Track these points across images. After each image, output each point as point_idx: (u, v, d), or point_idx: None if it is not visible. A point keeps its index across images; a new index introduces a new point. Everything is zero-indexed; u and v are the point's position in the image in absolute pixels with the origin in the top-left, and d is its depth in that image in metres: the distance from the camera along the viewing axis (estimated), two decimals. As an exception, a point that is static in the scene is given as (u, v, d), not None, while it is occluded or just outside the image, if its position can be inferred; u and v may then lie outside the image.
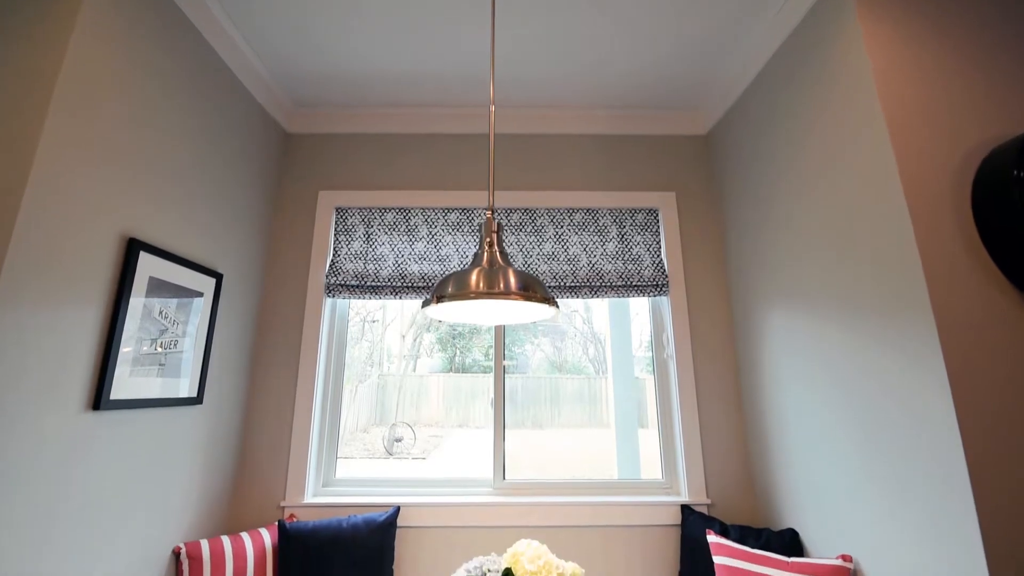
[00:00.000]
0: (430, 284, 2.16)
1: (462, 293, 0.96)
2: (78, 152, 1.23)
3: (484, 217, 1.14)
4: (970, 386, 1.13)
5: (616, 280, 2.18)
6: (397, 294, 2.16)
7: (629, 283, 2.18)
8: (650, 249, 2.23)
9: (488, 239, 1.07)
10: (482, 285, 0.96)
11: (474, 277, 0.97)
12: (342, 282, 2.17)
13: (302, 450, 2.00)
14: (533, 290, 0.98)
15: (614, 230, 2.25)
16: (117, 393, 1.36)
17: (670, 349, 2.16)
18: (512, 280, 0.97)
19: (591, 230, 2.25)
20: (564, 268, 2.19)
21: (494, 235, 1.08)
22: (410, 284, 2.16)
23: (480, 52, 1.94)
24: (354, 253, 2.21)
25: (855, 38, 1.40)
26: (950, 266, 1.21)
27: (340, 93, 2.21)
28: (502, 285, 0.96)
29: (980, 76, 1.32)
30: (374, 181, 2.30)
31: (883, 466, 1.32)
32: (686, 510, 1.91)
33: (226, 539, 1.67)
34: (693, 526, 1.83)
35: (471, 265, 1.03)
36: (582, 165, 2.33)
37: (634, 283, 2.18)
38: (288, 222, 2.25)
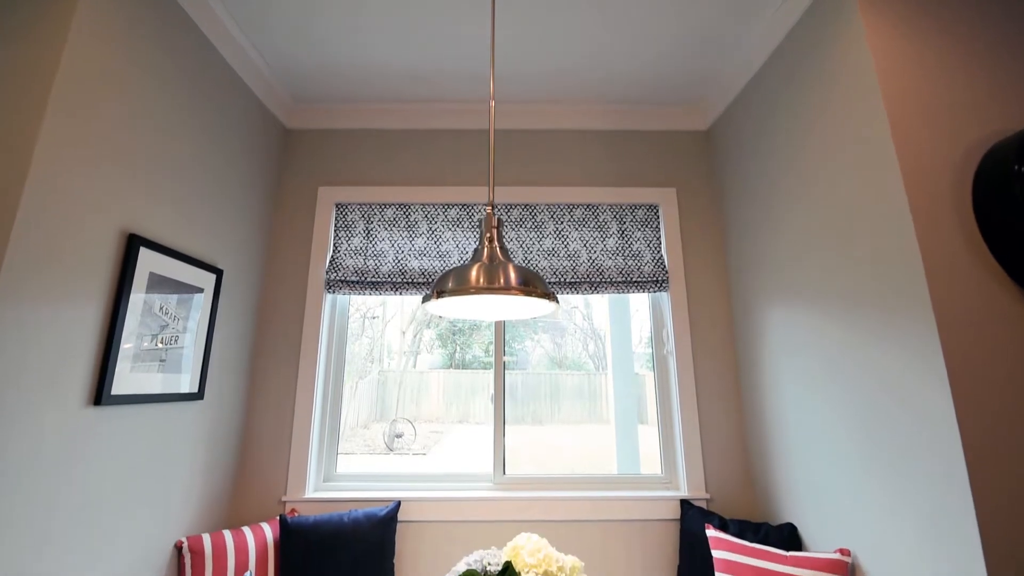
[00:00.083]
0: (430, 280, 2.16)
1: (462, 288, 0.96)
2: (77, 149, 1.23)
3: (484, 213, 1.14)
4: (970, 383, 1.13)
5: (616, 276, 2.18)
6: (397, 290, 2.16)
7: (629, 279, 2.18)
8: (650, 245, 2.23)
9: (488, 234, 1.07)
10: (482, 280, 0.96)
11: (474, 272, 0.97)
12: (342, 278, 2.17)
13: (303, 445, 2.01)
14: (533, 285, 0.98)
15: (614, 226, 2.25)
16: (118, 388, 1.36)
17: (670, 345, 2.16)
18: (512, 275, 0.97)
19: (591, 226, 2.25)
20: (564, 264, 2.19)
21: (494, 230, 1.07)
22: (410, 280, 2.16)
23: (480, 48, 1.93)
24: (354, 249, 2.21)
25: (857, 34, 1.39)
26: (950, 262, 1.21)
27: (340, 89, 2.20)
28: (502, 280, 0.96)
29: (981, 72, 1.32)
30: (374, 177, 2.30)
31: (882, 462, 1.32)
32: (685, 505, 1.92)
33: (228, 533, 1.68)
34: (692, 520, 1.84)
35: (471, 261, 1.03)
36: (582, 161, 2.33)
37: (634, 279, 2.18)
38: (288, 218, 2.25)
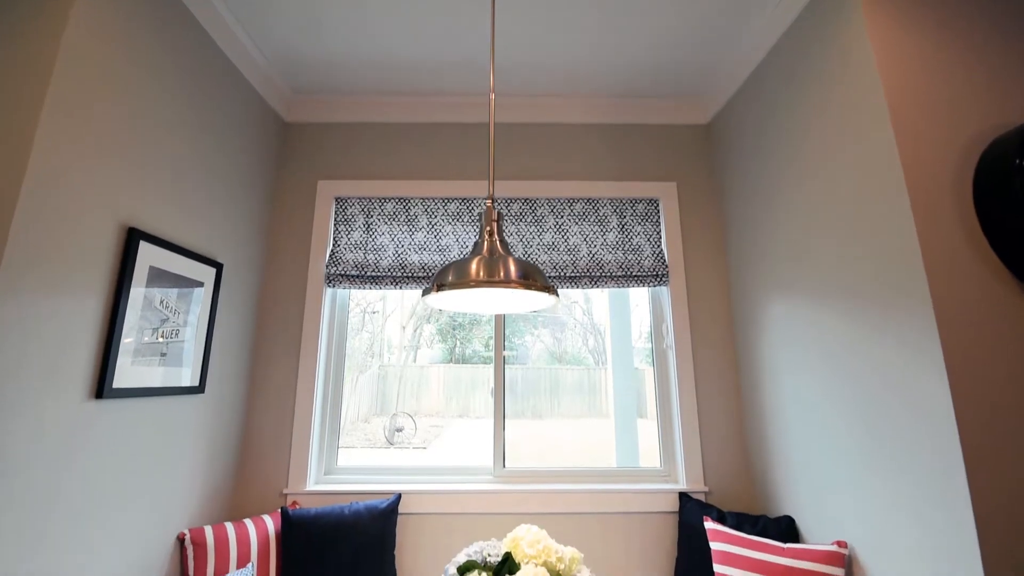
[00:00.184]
0: (430, 274, 2.16)
1: (462, 281, 0.96)
2: (75, 143, 1.23)
3: (484, 206, 1.14)
4: (968, 377, 1.14)
5: (616, 270, 2.18)
6: (397, 284, 2.16)
7: (629, 273, 2.18)
8: (650, 239, 2.23)
9: (488, 228, 1.07)
10: (482, 274, 0.96)
11: (474, 266, 0.97)
12: (342, 272, 2.17)
13: (304, 438, 2.02)
14: (533, 279, 0.98)
15: (614, 220, 2.25)
16: (119, 382, 1.37)
17: (669, 339, 2.17)
18: (512, 268, 0.97)
19: (591, 220, 2.24)
20: (564, 258, 2.19)
21: (494, 224, 1.07)
22: (410, 274, 2.16)
23: (480, 40, 1.92)
24: (354, 243, 2.21)
25: (858, 28, 1.38)
26: (950, 257, 1.21)
27: (339, 81, 2.19)
28: (502, 274, 0.96)
29: (982, 66, 1.31)
30: (374, 171, 2.29)
31: (880, 456, 1.33)
32: (684, 497, 1.93)
33: (230, 525, 1.69)
34: (690, 513, 1.86)
35: (471, 254, 1.03)
36: (583, 154, 2.32)
37: (634, 273, 2.18)
38: (288, 212, 2.25)
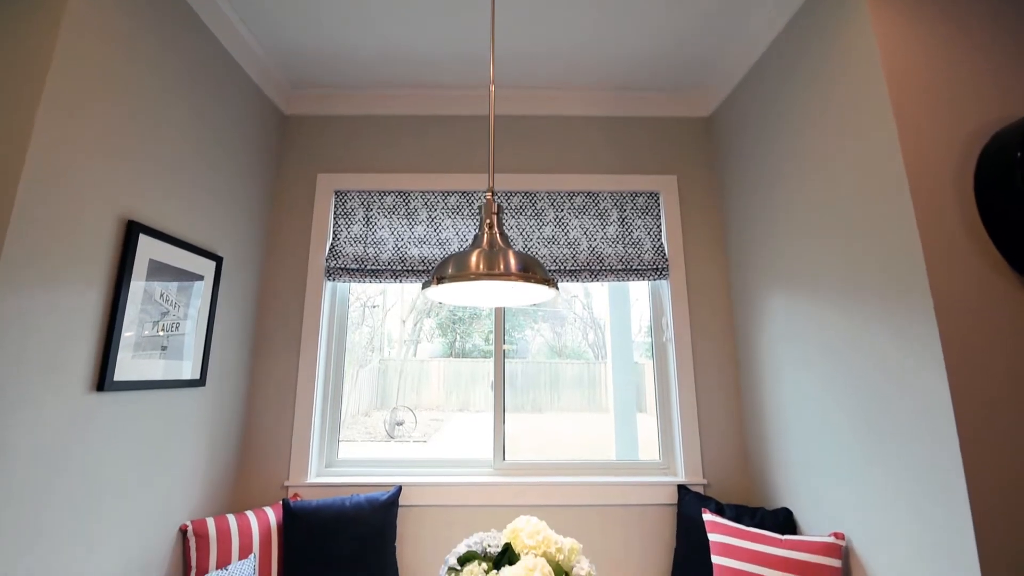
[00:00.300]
0: (430, 268, 2.16)
1: (462, 274, 0.96)
2: (73, 137, 1.22)
3: (484, 199, 1.14)
4: (967, 370, 1.14)
5: (616, 264, 2.18)
6: (397, 278, 2.16)
7: (629, 267, 2.18)
8: (650, 233, 2.23)
9: (488, 221, 1.07)
10: (482, 266, 0.96)
11: (474, 258, 0.97)
12: (342, 266, 2.17)
13: (305, 431, 2.03)
14: (533, 271, 0.98)
15: (615, 213, 2.24)
16: (120, 375, 1.37)
17: (669, 333, 2.17)
18: (512, 261, 0.97)
19: (591, 213, 2.24)
20: (564, 252, 2.19)
21: (494, 217, 1.07)
22: (410, 268, 2.16)
23: (480, 32, 1.90)
24: (354, 236, 2.21)
25: (861, 20, 1.37)
26: (950, 250, 1.20)
27: (338, 74, 2.18)
28: (502, 266, 0.96)
29: (986, 59, 1.30)
30: (373, 164, 2.28)
31: (879, 449, 1.34)
32: (683, 490, 1.94)
33: (231, 517, 1.70)
34: (689, 505, 1.87)
35: (471, 247, 1.03)
36: (583, 148, 2.31)
37: (634, 267, 2.18)
38: (287, 205, 2.24)
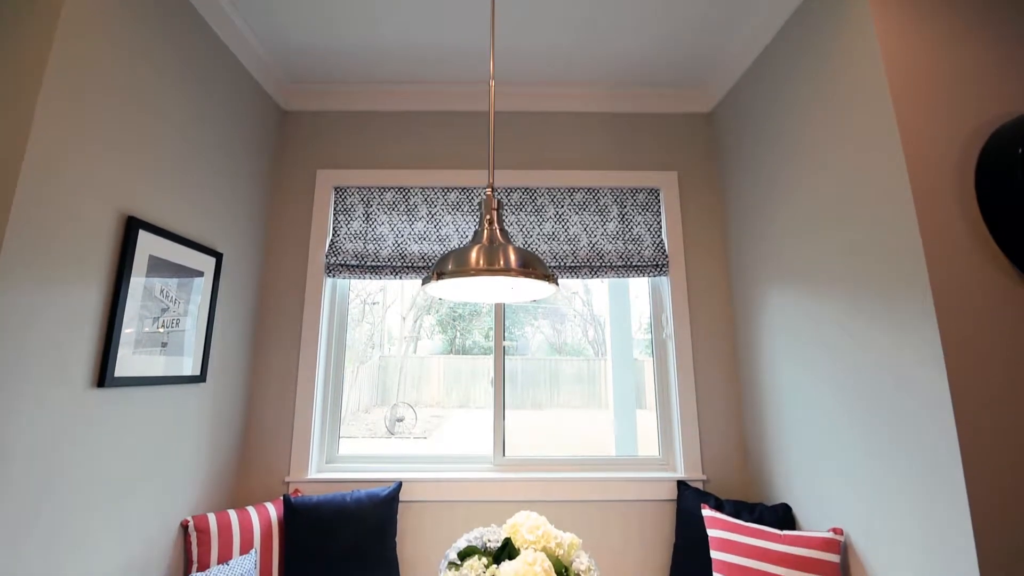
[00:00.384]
0: (430, 264, 2.16)
1: (462, 270, 0.95)
2: (72, 132, 1.22)
3: (484, 195, 1.14)
4: (966, 367, 1.14)
5: (616, 260, 2.18)
6: (397, 274, 2.16)
7: (629, 263, 2.18)
8: (651, 229, 2.22)
9: (488, 216, 1.06)
10: (482, 262, 0.96)
11: (474, 254, 0.97)
12: (342, 262, 2.17)
13: (305, 427, 2.03)
14: (533, 267, 0.98)
15: (615, 210, 2.24)
16: (121, 371, 1.37)
17: (669, 329, 2.17)
18: (512, 257, 0.97)
19: (592, 210, 2.24)
20: (564, 248, 2.19)
21: (494, 212, 1.07)
22: (410, 264, 2.16)
23: (480, 26, 1.90)
24: (353, 233, 2.20)
25: (863, 15, 1.36)
26: (951, 246, 1.20)
27: (337, 69, 2.17)
28: (502, 262, 0.96)
29: (988, 55, 1.29)
30: (373, 160, 2.28)
31: (877, 444, 1.34)
32: (682, 486, 1.95)
33: (233, 513, 1.71)
34: (688, 501, 1.88)
35: (471, 242, 1.03)
36: (583, 143, 2.31)
37: (634, 263, 2.18)
38: (287, 201, 2.24)
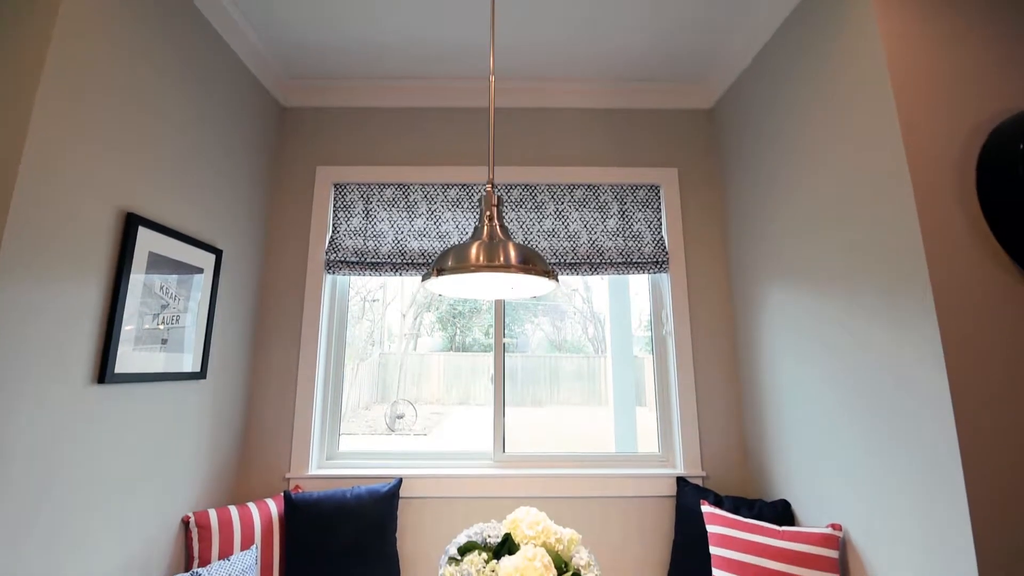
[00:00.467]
0: (430, 261, 2.15)
1: (462, 266, 0.95)
2: (70, 129, 1.22)
3: (484, 191, 1.13)
4: (966, 364, 1.14)
5: (616, 257, 2.18)
6: (397, 271, 2.16)
7: (629, 260, 2.18)
8: (651, 226, 2.22)
9: (488, 213, 1.06)
10: (482, 258, 0.96)
11: (474, 250, 0.97)
12: (342, 259, 2.17)
13: (306, 423, 2.04)
14: (533, 263, 0.98)
15: (615, 206, 2.24)
16: (121, 367, 1.37)
17: (669, 326, 2.17)
18: (512, 253, 0.97)
19: (592, 206, 2.23)
20: (564, 245, 2.19)
21: (494, 208, 1.07)
22: (410, 261, 2.16)
23: (480, 22, 1.89)
24: (353, 230, 2.20)
25: (866, 12, 1.36)
26: (951, 242, 1.20)
27: (337, 65, 2.16)
28: (502, 258, 0.96)
29: (990, 51, 1.29)
30: (372, 156, 2.27)
31: (877, 441, 1.34)
32: (681, 482, 1.96)
33: (233, 509, 1.71)
34: (688, 497, 1.88)
35: (471, 239, 1.03)
36: (583, 140, 2.30)
37: (634, 260, 2.18)
38: (286, 198, 2.23)
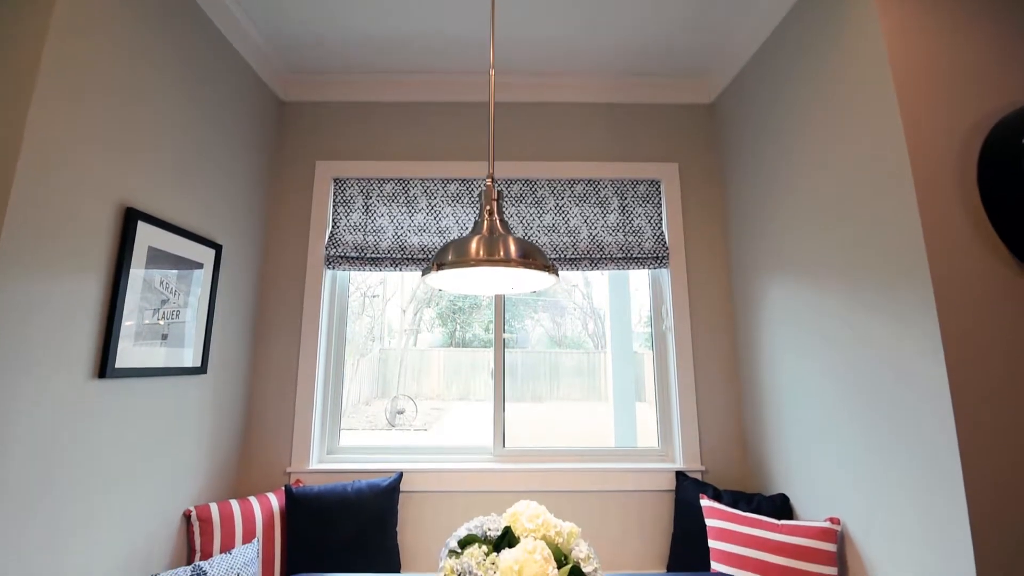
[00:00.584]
0: (429, 256, 2.15)
1: (462, 260, 0.95)
2: (68, 124, 1.21)
3: (484, 186, 1.13)
4: (966, 359, 1.14)
5: (616, 252, 2.17)
6: (397, 266, 2.16)
7: (629, 255, 2.17)
8: (651, 221, 2.22)
9: (488, 207, 1.06)
10: (482, 252, 0.96)
11: (474, 244, 0.97)
12: (342, 254, 2.17)
13: (306, 418, 2.04)
14: (533, 257, 0.98)
15: (615, 201, 2.23)
16: (122, 362, 1.37)
17: (669, 321, 2.18)
18: (512, 247, 0.97)
19: (592, 201, 2.23)
20: (564, 240, 2.19)
21: (494, 203, 1.06)
22: (410, 256, 2.16)
23: (480, 16, 1.88)
24: (353, 225, 2.20)
25: (868, 5, 1.35)
26: (952, 237, 1.20)
27: (336, 59, 2.15)
28: (502, 252, 0.96)
29: (991, 45, 1.28)
30: (372, 151, 2.27)
31: (875, 435, 1.35)
32: (680, 476, 1.96)
33: (235, 503, 1.72)
34: (687, 491, 1.89)
35: (471, 233, 1.02)
36: (584, 135, 2.29)
37: (634, 255, 2.17)
38: (286, 193, 2.23)
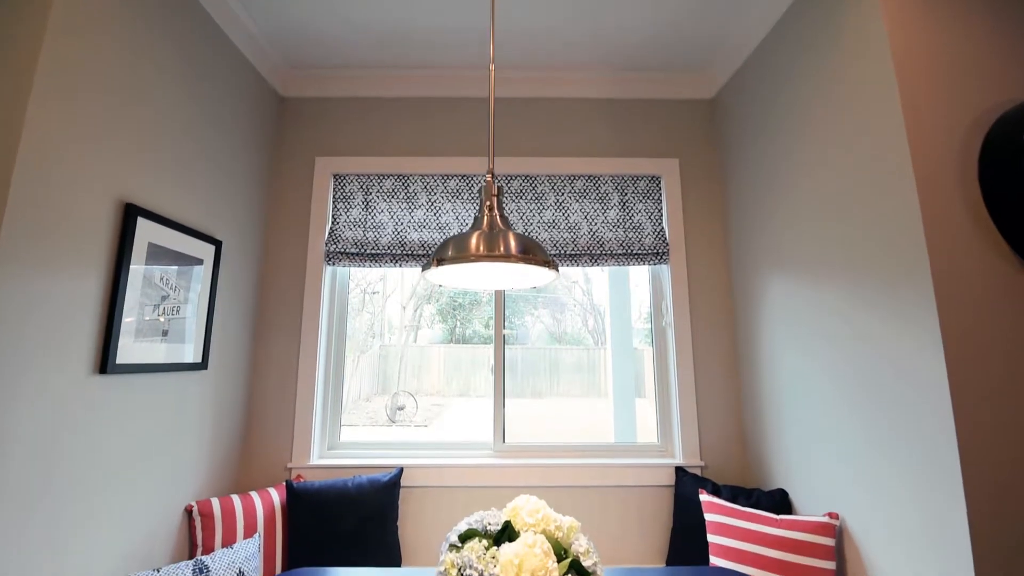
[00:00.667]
0: (429, 252, 2.15)
1: (462, 256, 0.95)
2: (67, 120, 1.21)
3: (484, 181, 1.13)
4: (966, 356, 1.14)
5: (617, 248, 2.17)
6: (397, 262, 2.16)
7: (630, 251, 2.17)
8: (651, 217, 2.22)
9: (488, 203, 1.06)
10: (482, 248, 0.95)
11: (474, 240, 0.97)
12: (341, 250, 2.16)
13: (307, 414, 2.05)
14: (533, 253, 0.97)
15: (616, 197, 2.23)
16: (123, 358, 1.38)
17: (669, 317, 2.18)
18: (512, 243, 0.97)
19: (592, 197, 2.23)
20: (565, 236, 2.18)
21: (494, 198, 1.06)
22: (410, 252, 2.16)
23: (480, 10, 1.87)
24: (353, 221, 2.20)
25: (870, 1, 1.34)
26: (953, 234, 1.20)
27: (335, 54, 2.14)
28: (502, 248, 0.95)
29: (992, 42, 1.28)
30: (372, 147, 2.26)
31: (875, 431, 1.35)
32: (680, 471, 1.97)
33: (236, 498, 1.73)
34: (686, 486, 1.90)
35: (471, 229, 1.02)
36: (584, 130, 2.28)
37: (635, 251, 2.17)
38: (286, 189, 2.23)
